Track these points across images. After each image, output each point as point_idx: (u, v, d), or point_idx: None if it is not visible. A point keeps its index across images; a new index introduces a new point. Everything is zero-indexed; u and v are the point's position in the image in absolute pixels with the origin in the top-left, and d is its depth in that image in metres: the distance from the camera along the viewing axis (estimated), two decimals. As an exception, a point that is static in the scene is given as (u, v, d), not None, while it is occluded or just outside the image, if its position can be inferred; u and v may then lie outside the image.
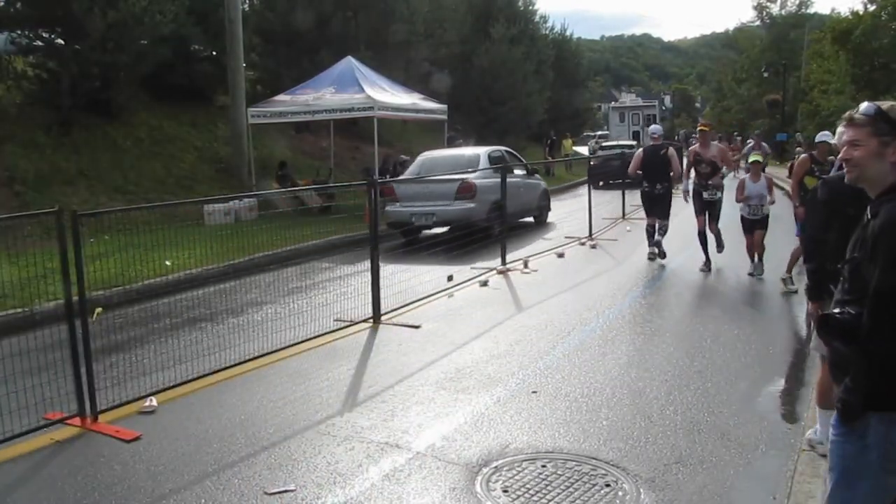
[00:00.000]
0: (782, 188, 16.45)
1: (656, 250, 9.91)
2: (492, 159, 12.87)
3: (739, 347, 6.26)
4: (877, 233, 2.18)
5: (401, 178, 12.89)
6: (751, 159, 9.22)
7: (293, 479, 3.98)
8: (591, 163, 17.70)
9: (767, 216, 8.81)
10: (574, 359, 5.97)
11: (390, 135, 22.42)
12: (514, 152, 15.66)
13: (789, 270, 8.13)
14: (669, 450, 4.25)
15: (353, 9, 20.85)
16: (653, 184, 9.92)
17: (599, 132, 38.85)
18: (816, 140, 8.13)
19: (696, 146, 9.80)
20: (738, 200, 8.84)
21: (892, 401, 2.16)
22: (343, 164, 19.73)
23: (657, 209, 9.95)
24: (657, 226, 9.91)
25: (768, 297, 8.03)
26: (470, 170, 11.93)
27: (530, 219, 14.35)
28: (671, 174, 9.86)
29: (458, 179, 11.40)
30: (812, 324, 4.22)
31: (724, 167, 9.71)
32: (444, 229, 11.65)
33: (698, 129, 9.75)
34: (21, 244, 7.68)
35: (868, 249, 2.20)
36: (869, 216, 2.26)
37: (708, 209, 9.48)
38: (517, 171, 13.68)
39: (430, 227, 11.88)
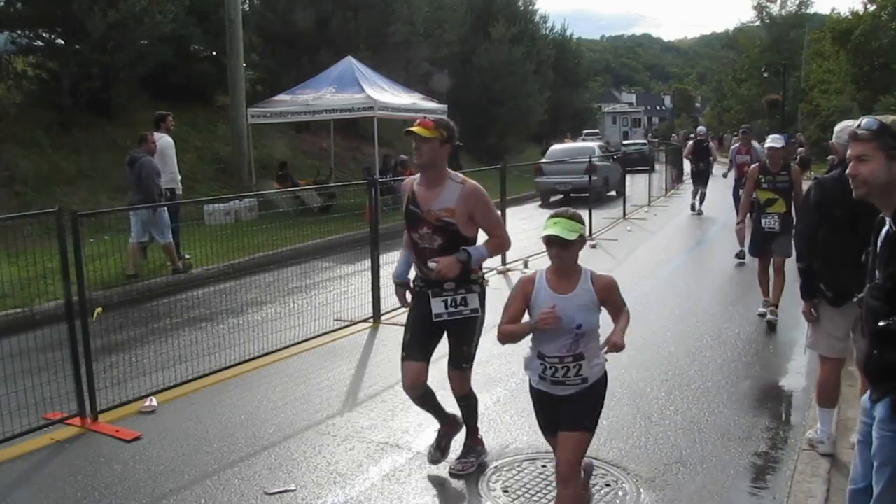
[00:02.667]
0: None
1: (697, 204, 15.55)
2: (601, 150, 20.52)
3: (740, 347, 6.26)
4: None
5: (545, 161, 19.10)
6: (545, 231, 2.96)
7: (293, 479, 3.98)
8: (615, 156, 21.62)
9: (602, 381, 3.24)
10: (574, 359, 5.97)
11: (390, 135, 22.39)
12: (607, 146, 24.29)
13: (772, 299, 6.99)
14: (669, 450, 4.25)
15: (353, 9, 20.82)
16: (697, 163, 15.52)
17: (586, 131, 40.93)
18: (766, 145, 7.20)
19: (413, 179, 3.95)
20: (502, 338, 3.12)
21: None
22: (343, 164, 19.72)
23: (699, 180, 15.60)
24: (699, 193, 15.52)
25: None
26: (590, 156, 17.17)
27: (613, 192, 18.95)
28: (710, 157, 15.97)
29: (585, 161, 16.23)
30: (808, 323, 4.22)
31: (492, 245, 3.85)
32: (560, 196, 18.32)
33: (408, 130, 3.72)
34: (21, 244, 7.67)
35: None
36: (893, 230, 2.26)
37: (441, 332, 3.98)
38: (609, 160, 19.91)
39: (567, 193, 17.64)
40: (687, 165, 17.85)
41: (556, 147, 21.47)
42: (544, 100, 31.05)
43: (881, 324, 2.24)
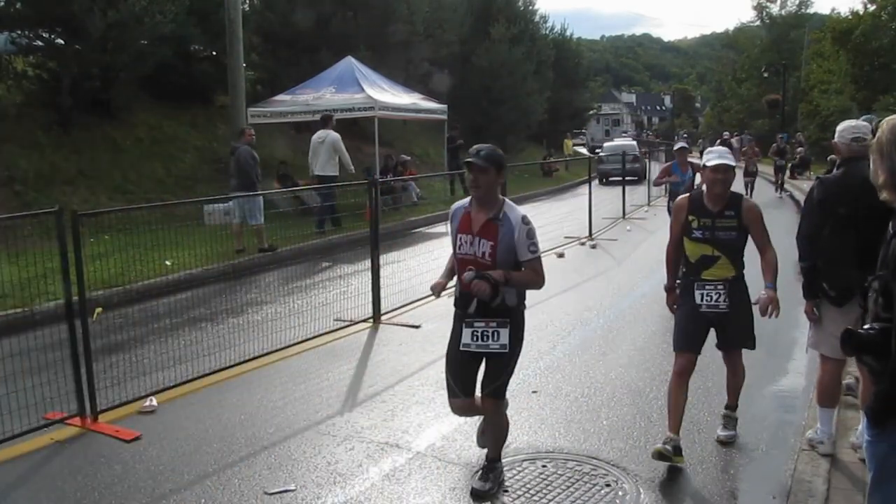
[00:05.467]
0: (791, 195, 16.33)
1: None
2: (639, 146, 31.09)
3: (739, 347, 6.25)
4: (894, 252, 2.21)
5: (602, 154, 27.04)
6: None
7: (293, 478, 3.98)
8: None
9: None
10: (574, 359, 5.97)
11: (390, 135, 22.37)
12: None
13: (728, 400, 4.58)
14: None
15: (353, 9, 20.81)
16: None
17: (575, 131, 42.16)
18: (707, 160, 4.06)
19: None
20: None
21: None
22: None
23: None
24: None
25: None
26: (636, 151, 26.31)
27: (636, 177, 23.10)
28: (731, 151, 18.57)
29: (632, 154, 23.97)
30: (809, 323, 4.22)
31: None
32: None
33: None
34: (21, 244, 7.67)
35: (892, 267, 2.22)
36: (891, 232, 2.28)
37: None
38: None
39: (619, 177, 21.02)
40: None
41: (608, 144, 32.42)
42: (544, 100, 31.00)
43: (863, 328, 2.26)
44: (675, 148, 9.97)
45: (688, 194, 4.40)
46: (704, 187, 4.16)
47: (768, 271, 4.07)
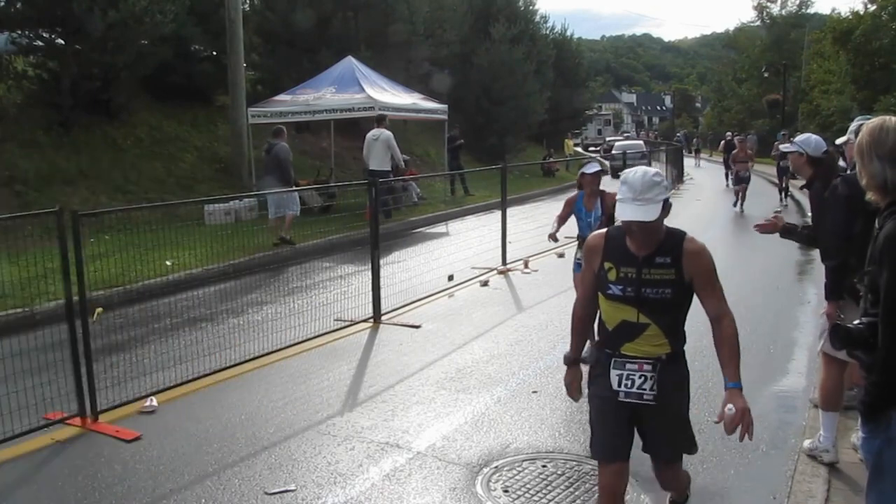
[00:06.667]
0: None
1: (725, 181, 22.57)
2: (645, 145, 33.86)
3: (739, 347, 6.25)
4: (881, 245, 2.25)
5: (615, 152, 27.33)
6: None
7: (293, 479, 3.98)
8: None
9: None
10: (574, 359, 5.96)
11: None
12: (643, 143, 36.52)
13: None
14: (670, 450, 4.24)
15: (353, 9, 20.81)
16: (729, 153, 21.10)
17: (574, 132, 42.66)
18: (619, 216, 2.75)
19: None
20: None
21: None
22: (343, 164, 19.70)
23: (728, 167, 21.80)
24: (727, 173, 22.18)
25: (768, 298, 8.03)
26: (643, 149, 28.46)
27: None
28: (734, 150, 20.01)
29: (639, 151, 26.12)
30: (826, 324, 4.17)
31: None
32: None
33: None
34: (21, 244, 7.68)
35: (877, 263, 2.25)
36: (877, 229, 2.29)
37: None
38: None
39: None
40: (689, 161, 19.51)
41: (618, 143, 35.97)
42: (544, 100, 30.96)
43: (853, 323, 2.37)
44: (587, 172, 6.28)
45: (604, 230, 2.93)
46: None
47: (728, 355, 2.90)
